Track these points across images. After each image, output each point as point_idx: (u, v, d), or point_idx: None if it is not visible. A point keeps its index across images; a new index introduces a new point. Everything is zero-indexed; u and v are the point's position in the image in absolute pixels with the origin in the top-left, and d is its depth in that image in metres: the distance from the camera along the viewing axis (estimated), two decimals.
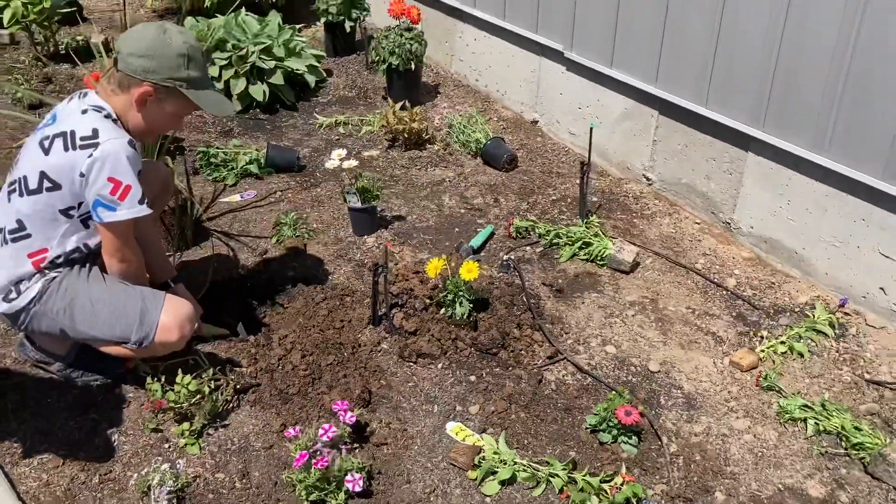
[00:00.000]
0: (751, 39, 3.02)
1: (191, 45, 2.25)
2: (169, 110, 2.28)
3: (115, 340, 2.29)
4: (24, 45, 5.19)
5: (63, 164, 2.18)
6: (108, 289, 2.30)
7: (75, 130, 2.18)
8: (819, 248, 3.05)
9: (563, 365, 2.71)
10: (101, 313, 2.27)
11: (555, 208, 3.61)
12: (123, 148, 2.16)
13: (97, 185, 2.16)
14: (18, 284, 2.25)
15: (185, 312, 2.32)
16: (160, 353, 2.37)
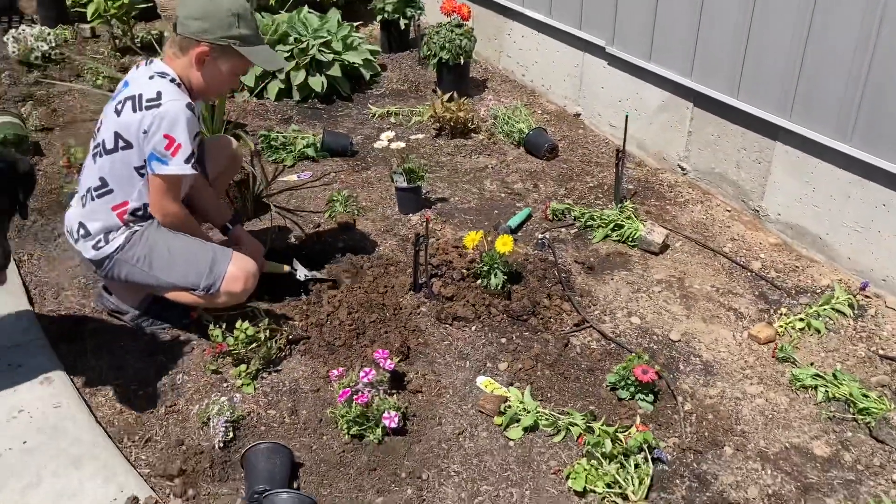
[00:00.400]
0: (779, 35, 3.18)
1: (240, 4, 2.48)
2: (225, 68, 2.53)
3: (186, 287, 2.58)
4: (104, 38, 5.59)
5: (131, 124, 2.46)
6: (183, 241, 2.59)
7: (143, 94, 2.46)
8: (842, 234, 3.18)
9: (588, 332, 2.91)
10: (176, 261, 2.55)
11: (591, 194, 3.80)
12: (182, 110, 2.43)
13: (154, 140, 2.43)
14: (108, 234, 2.55)
15: (250, 267, 2.60)
16: (223, 302, 2.63)
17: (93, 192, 2.57)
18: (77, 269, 3.16)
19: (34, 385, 2.49)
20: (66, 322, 2.86)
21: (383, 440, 2.39)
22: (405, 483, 2.27)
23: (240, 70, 2.62)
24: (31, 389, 2.48)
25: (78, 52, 5.34)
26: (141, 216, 2.59)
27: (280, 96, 4.68)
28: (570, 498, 2.24)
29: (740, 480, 2.32)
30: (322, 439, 2.40)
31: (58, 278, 3.11)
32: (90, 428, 2.36)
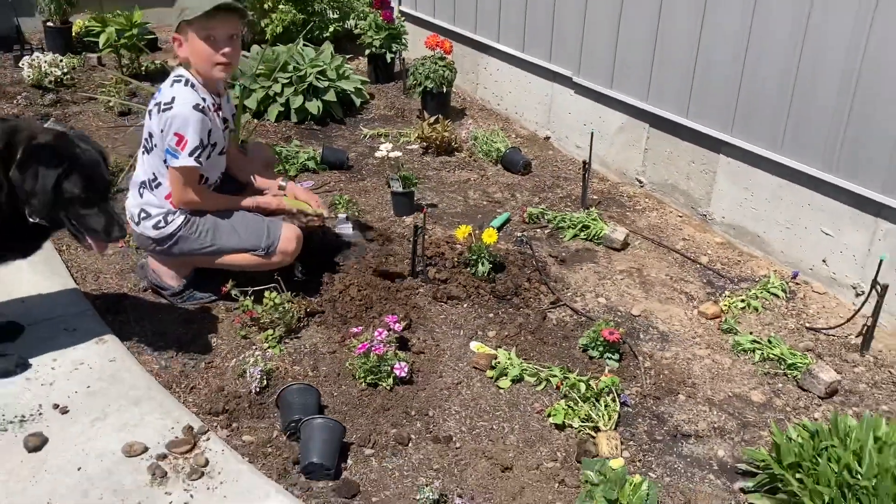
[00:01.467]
0: (721, 62, 3.77)
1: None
2: (196, 42, 2.90)
3: (248, 248, 3.06)
4: (109, 66, 6.03)
5: (156, 125, 2.95)
6: (240, 214, 3.11)
7: (163, 99, 2.95)
8: (775, 231, 3.73)
9: (562, 309, 3.39)
10: (239, 228, 3.06)
11: (562, 203, 4.33)
12: (190, 112, 2.88)
13: (168, 138, 2.91)
14: (166, 216, 3.01)
15: (298, 231, 3.12)
16: (278, 262, 3.11)
17: (149, 184, 3.03)
18: (112, 257, 3.56)
19: (90, 344, 2.88)
20: (109, 298, 3.26)
21: (394, 388, 2.82)
22: (414, 418, 2.70)
23: (207, 32, 2.88)
24: (88, 347, 2.87)
25: (87, 79, 5.76)
26: None
27: (279, 118, 5.16)
28: (551, 431, 2.69)
29: (692, 418, 2.80)
30: (341, 388, 2.83)
31: (95, 264, 3.51)
32: (144, 376, 2.76)
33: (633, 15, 4.19)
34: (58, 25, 6.17)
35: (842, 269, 3.47)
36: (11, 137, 2.49)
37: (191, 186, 3.01)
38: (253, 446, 2.53)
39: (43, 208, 2.50)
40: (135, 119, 5.10)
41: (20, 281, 3.16)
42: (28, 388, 2.65)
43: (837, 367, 3.08)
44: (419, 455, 2.55)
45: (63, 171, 2.48)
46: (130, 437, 2.46)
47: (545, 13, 4.81)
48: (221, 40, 2.94)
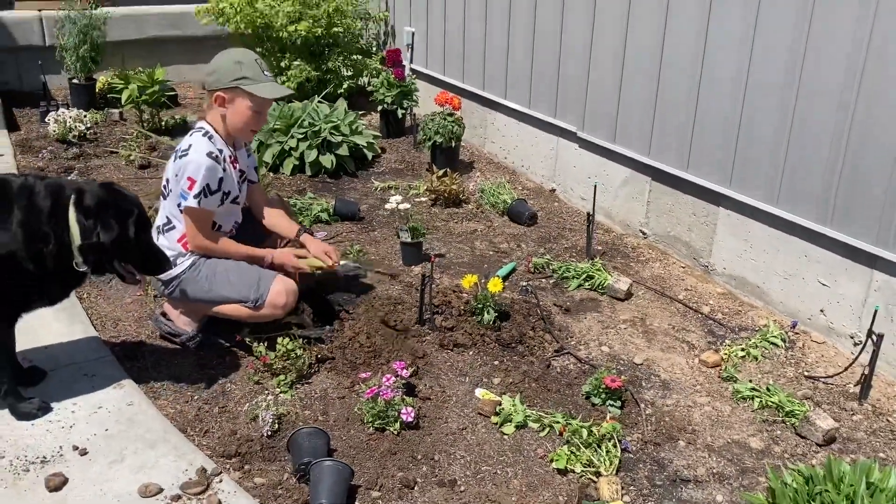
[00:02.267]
0: (718, 118, 3.92)
1: (243, 53, 3.15)
2: (241, 106, 3.13)
3: (238, 299, 3.16)
4: (130, 121, 6.26)
5: (171, 170, 3.15)
6: (237, 264, 3.21)
7: (181, 147, 3.15)
8: (774, 282, 3.83)
9: (566, 357, 3.48)
10: (232, 278, 3.16)
11: (567, 253, 4.45)
12: (203, 159, 3.07)
13: (181, 182, 3.09)
14: (177, 259, 3.15)
15: (291, 286, 3.18)
16: (268, 314, 3.20)
17: (162, 228, 3.18)
18: (130, 305, 3.70)
19: (109, 389, 3.00)
20: (127, 345, 3.38)
21: (401, 433, 2.91)
22: (421, 462, 2.78)
23: (256, 106, 3.15)
24: (107, 392, 2.98)
25: (108, 133, 5.98)
26: None
27: (294, 171, 5.34)
28: (554, 476, 2.77)
29: (691, 464, 2.87)
30: (350, 432, 2.92)
31: (114, 312, 3.64)
32: (160, 420, 2.86)
33: (634, 73, 4.36)
34: (82, 82, 6.43)
35: (839, 319, 3.55)
36: (58, 195, 2.67)
37: (202, 230, 3.17)
38: (264, 488, 2.62)
39: (115, 255, 2.71)
40: (154, 172, 5.29)
41: (44, 328, 3.29)
42: (49, 431, 2.75)
43: (836, 415, 3.14)
44: (424, 498, 2.62)
45: (134, 219, 2.71)
46: (146, 479, 2.55)
47: (550, 71, 5.00)
48: (263, 114, 3.23)
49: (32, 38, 6.80)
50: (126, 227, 2.68)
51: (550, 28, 4.92)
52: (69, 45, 6.25)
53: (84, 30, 6.22)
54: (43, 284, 2.73)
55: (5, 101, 6.44)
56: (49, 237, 2.64)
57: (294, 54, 6.30)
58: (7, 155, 5.34)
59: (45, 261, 2.65)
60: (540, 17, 5.00)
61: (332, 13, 6.27)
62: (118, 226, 2.66)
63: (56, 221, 2.65)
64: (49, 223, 2.64)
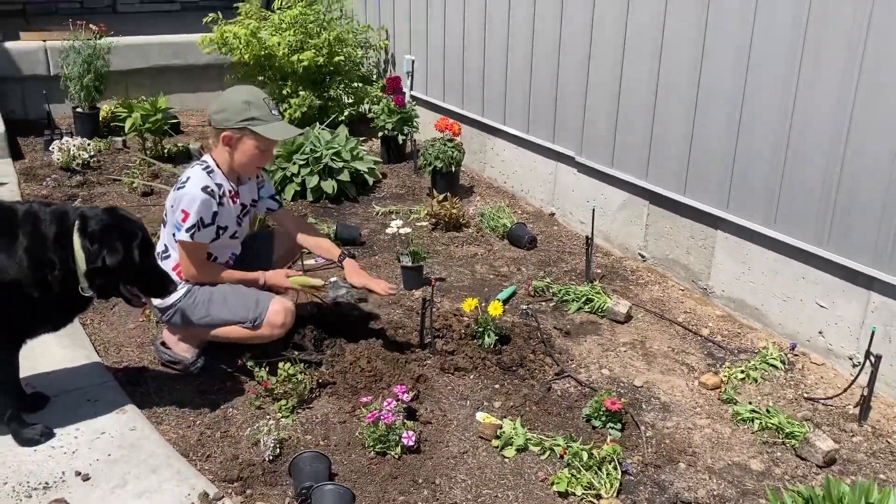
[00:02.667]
0: (714, 141, 3.96)
1: (251, 92, 3.21)
2: (249, 145, 3.18)
3: (237, 321, 3.19)
4: (133, 149, 6.32)
5: (169, 201, 3.21)
6: (233, 287, 3.26)
7: (181, 178, 3.20)
8: (773, 304, 3.85)
9: (567, 380, 3.50)
10: (229, 300, 3.19)
11: (566, 276, 4.47)
12: (198, 192, 3.12)
13: (176, 215, 3.14)
14: None
15: (289, 305, 3.22)
16: (266, 334, 3.23)
17: (161, 255, 3.22)
18: (133, 330, 3.72)
19: (112, 414, 3.01)
20: (130, 371, 3.40)
21: (402, 457, 2.92)
22: (422, 487, 2.79)
23: (263, 146, 3.21)
24: (109, 417, 2.99)
25: (112, 161, 6.04)
26: None
27: (296, 197, 5.38)
28: (555, 499, 2.77)
29: (692, 486, 2.87)
30: (351, 456, 2.93)
31: (117, 338, 3.66)
32: (162, 445, 2.88)
33: (630, 98, 4.42)
34: (86, 111, 6.50)
35: (837, 340, 3.57)
36: (63, 221, 2.71)
37: (195, 262, 3.21)
38: None
39: (120, 278, 2.75)
40: (157, 199, 5.33)
41: (47, 354, 3.31)
42: (52, 457, 2.77)
43: (835, 436, 3.15)
44: None
45: (138, 242, 2.75)
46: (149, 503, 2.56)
47: (548, 98, 5.06)
48: (269, 152, 3.29)
49: (37, 67, 6.88)
50: (130, 250, 2.72)
51: (548, 55, 4.99)
52: (73, 74, 6.33)
53: (88, 59, 6.31)
54: (48, 310, 2.76)
55: (10, 130, 6.49)
56: (54, 263, 2.67)
57: (296, 83, 6.37)
58: (11, 183, 5.40)
59: (50, 287, 2.68)
60: (538, 45, 5.08)
61: (333, 42, 6.35)
62: (123, 249, 2.70)
63: (61, 247, 2.69)
64: (54, 249, 2.68)
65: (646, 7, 4.21)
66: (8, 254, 2.63)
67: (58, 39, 6.73)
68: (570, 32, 4.80)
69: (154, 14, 8.96)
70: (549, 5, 4.90)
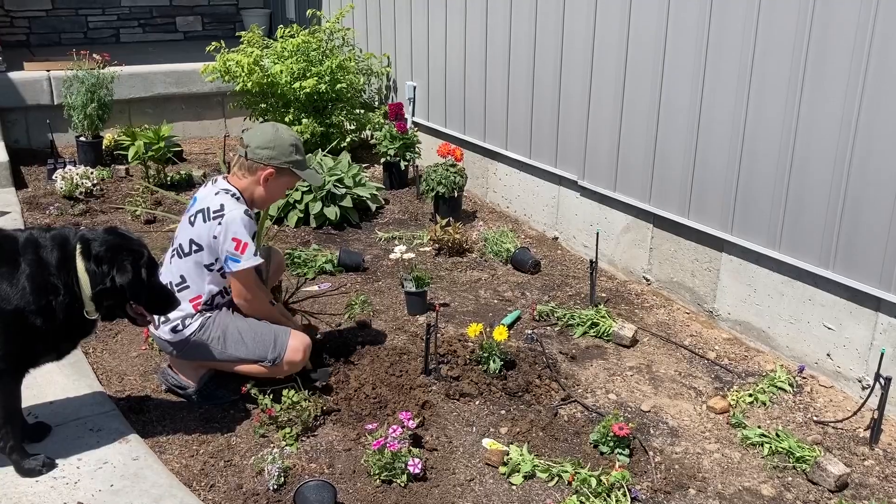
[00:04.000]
0: (717, 164, 3.96)
1: (296, 137, 3.28)
2: (282, 184, 3.27)
3: (255, 359, 3.16)
4: (136, 177, 6.33)
5: (202, 232, 3.14)
6: (248, 322, 3.21)
7: (210, 207, 3.15)
8: (780, 327, 3.82)
9: (573, 406, 3.46)
10: (246, 339, 3.15)
11: (571, 300, 4.45)
12: (241, 217, 3.10)
13: (226, 244, 3.09)
14: (184, 320, 3.15)
15: (307, 340, 3.21)
16: (286, 371, 3.21)
17: (173, 287, 3.18)
18: (136, 359, 3.70)
19: (114, 444, 2.98)
20: (133, 399, 3.37)
21: (408, 485, 2.88)
22: None
23: (291, 185, 3.37)
24: (112, 447, 2.97)
25: (115, 189, 6.05)
26: (210, 305, 3.19)
27: (298, 223, 5.38)
28: None
29: None
30: (356, 485, 2.90)
31: (119, 366, 3.64)
32: (165, 474, 2.84)
33: (632, 121, 4.43)
34: (89, 140, 6.52)
35: (846, 363, 3.54)
36: (65, 246, 2.70)
37: (252, 287, 3.20)
38: None
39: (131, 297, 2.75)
40: (160, 226, 5.34)
41: (50, 383, 3.29)
42: (53, 488, 2.73)
43: (847, 460, 3.11)
44: None
45: (145, 261, 2.76)
46: None
47: (549, 122, 5.08)
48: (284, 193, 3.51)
49: (41, 97, 6.93)
50: (139, 268, 2.72)
51: (549, 79, 5.01)
52: (76, 103, 6.37)
53: (91, 89, 6.34)
54: (52, 338, 2.74)
55: (14, 159, 6.51)
56: (58, 289, 2.66)
57: (298, 110, 6.40)
58: (14, 212, 5.40)
59: (54, 313, 2.67)
60: (538, 70, 5.10)
61: (336, 69, 6.38)
62: (132, 268, 2.70)
63: (65, 272, 2.68)
64: (58, 275, 2.67)
65: (646, 33, 4.23)
66: (10, 282, 2.62)
67: (61, 69, 6.77)
68: (570, 58, 4.82)
69: (156, 43, 9.03)
70: (550, 32, 4.93)
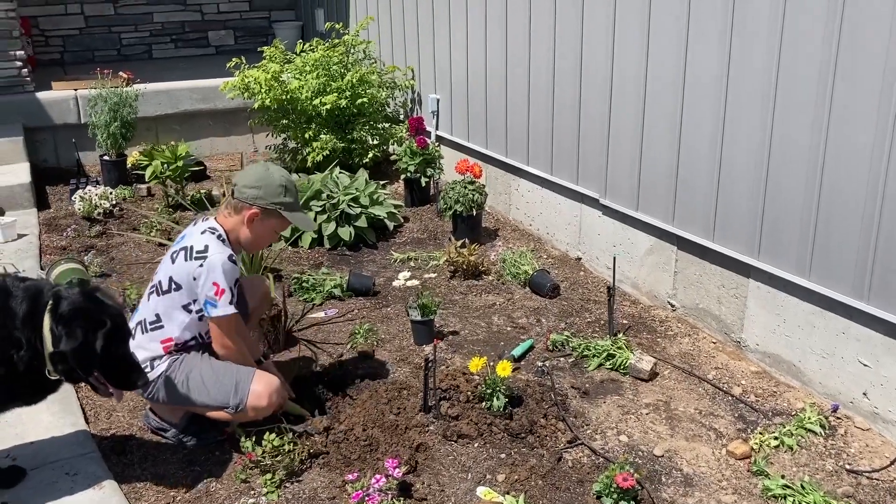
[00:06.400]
0: (741, 185, 3.67)
1: (287, 178, 3.09)
2: (269, 227, 3.09)
3: (218, 406, 2.99)
4: (158, 196, 6.29)
5: (182, 271, 2.98)
6: (213, 367, 3.04)
7: (193, 246, 2.99)
8: (811, 361, 3.51)
9: (580, 449, 3.22)
10: (208, 384, 2.99)
11: (589, 328, 4.19)
12: (223, 262, 2.94)
13: (205, 288, 2.94)
14: (153, 361, 3.01)
15: (273, 383, 3.01)
16: (253, 417, 3.03)
17: (146, 325, 3.04)
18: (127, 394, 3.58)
19: (88, 490, 2.85)
20: (116, 439, 3.25)
21: None
22: None
23: (280, 228, 3.17)
24: (86, 494, 2.84)
25: (135, 209, 6.01)
26: (180, 347, 3.05)
27: (312, 244, 5.24)
28: None
29: None
30: None
31: (109, 401, 3.51)
32: None
33: (654, 138, 4.16)
34: (113, 158, 6.51)
35: (884, 403, 3.21)
36: (35, 300, 2.57)
37: (230, 333, 3.04)
38: None
39: (77, 366, 2.57)
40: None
41: (35, 421, 3.19)
42: None
43: None
44: None
45: (105, 331, 2.57)
46: None
47: (570, 137, 4.83)
48: (277, 236, 3.31)
49: (68, 116, 6.95)
50: (93, 337, 2.55)
51: (570, 95, 4.77)
52: (100, 122, 6.36)
53: (114, 108, 6.32)
54: (15, 388, 2.62)
55: (41, 179, 6.55)
56: (21, 343, 2.53)
57: (319, 125, 6.27)
58: (32, 235, 5.39)
59: (15, 366, 2.54)
60: (558, 84, 4.86)
61: (357, 84, 6.24)
62: (82, 336, 2.52)
63: (31, 327, 2.55)
64: (23, 328, 2.54)
65: (668, 54, 3.95)
66: None
67: (87, 88, 6.78)
68: (590, 72, 4.56)
69: (188, 59, 9.03)
70: (569, 45, 4.68)
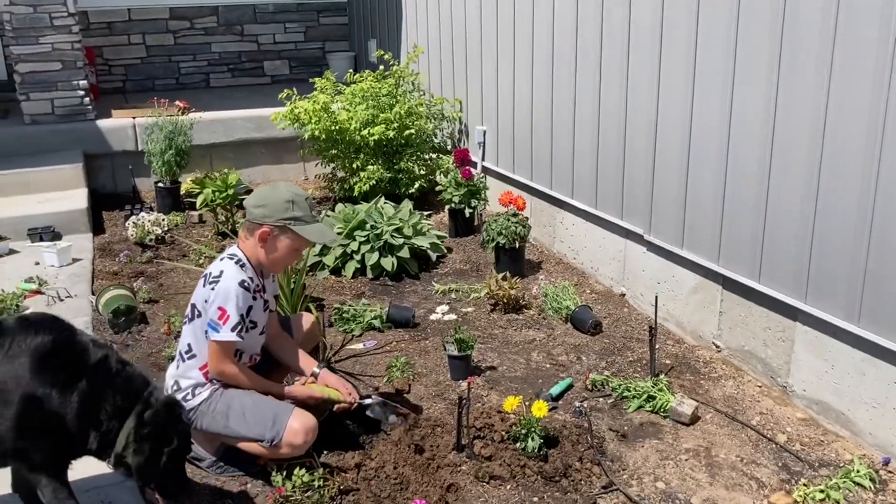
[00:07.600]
0: (788, 226, 3.56)
1: (294, 192, 3.08)
2: (284, 245, 3.06)
3: (254, 438, 3.01)
4: (209, 223, 6.42)
5: (200, 297, 3.06)
6: (253, 398, 3.06)
7: (211, 272, 3.06)
8: (861, 410, 3.37)
9: (615, 495, 3.14)
10: (248, 415, 3.02)
11: (630, 367, 4.11)
12: (235, 287, 2.97)
13: (210, 311, 2.99)
14: (195, 389, 3.06)
15: (310, 422, 3.02)
16: (286, 453, 3.04)
17: (183, 354, 3.11)
18: None
19: None
20: None
21: None
22: None
23: (298, 245, 3.12)
24: None
25: (186, 236, 6.14)
26: None
27: (356, 274, 5.27)
28: None
29: None
30: None
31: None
32: None
33: (699, 176, 4.08)
34: (167, 185, 6.68)
35: None
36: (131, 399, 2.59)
37: (226, 359, 3.07)
38: None
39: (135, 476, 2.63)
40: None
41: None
42: None
43: None
44: None
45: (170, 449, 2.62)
46: None
47: (615, 172, 4.77)
48: (300, 251, 3.18)
49: (126, 144, 7.17)
50: (158, 455, 2.60)
51: (614, 129, 4.72)
52: (155, 150, 6.53)
53: (169, 136, 6.50)
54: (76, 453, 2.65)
55: (98, 204, 6.76)
56: (100, 426, 2.57)
57: (368, 156, 6.33)
58: (86, 259, 5.54)
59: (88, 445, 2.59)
60: (603, 117, 4.82)
61: (404, 116, 6.30)
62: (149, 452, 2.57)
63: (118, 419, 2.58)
64: (108, 418, 2.57)
65: (713, 87, 3.89)
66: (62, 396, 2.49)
67: (144, 116, 6.98)
68: (635, 105, 4.52)
69: (244, 88, 9.24)
70: (614, 80, 4.64)
